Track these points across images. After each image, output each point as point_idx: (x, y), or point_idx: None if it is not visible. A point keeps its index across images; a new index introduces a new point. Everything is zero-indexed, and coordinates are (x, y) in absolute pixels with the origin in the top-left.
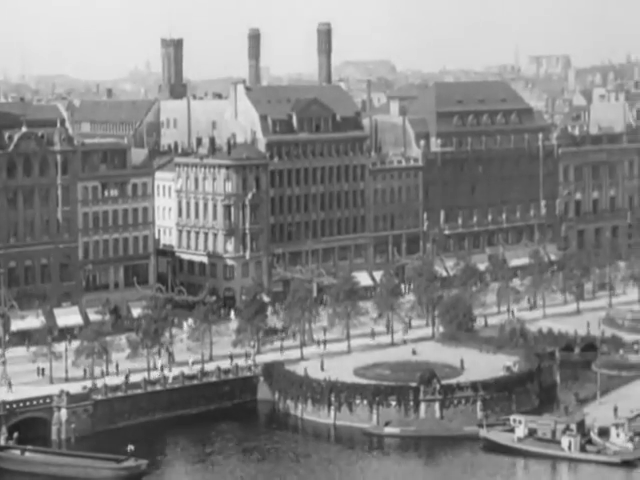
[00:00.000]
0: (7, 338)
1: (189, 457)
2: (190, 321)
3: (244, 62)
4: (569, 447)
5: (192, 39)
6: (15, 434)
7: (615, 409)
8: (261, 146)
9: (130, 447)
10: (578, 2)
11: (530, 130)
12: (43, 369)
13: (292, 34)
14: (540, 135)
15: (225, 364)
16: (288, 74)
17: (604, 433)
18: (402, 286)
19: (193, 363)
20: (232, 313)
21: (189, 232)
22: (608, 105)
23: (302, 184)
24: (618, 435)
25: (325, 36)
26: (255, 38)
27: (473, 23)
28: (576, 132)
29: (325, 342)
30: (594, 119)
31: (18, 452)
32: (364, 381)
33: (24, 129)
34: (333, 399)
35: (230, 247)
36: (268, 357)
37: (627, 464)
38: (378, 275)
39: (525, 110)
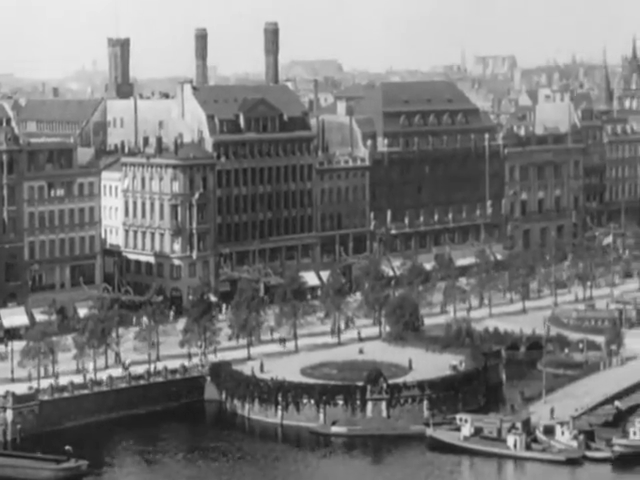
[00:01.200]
0: None
1: (134, 457)
2: (145, 319)
3: (191, 62)
4: (515, 445)
5: (139, 38)
6: None
7: (552, 410)
8: (208, 146)
9: (68, 448)
10: (523, 3)
11: (476, 130)
12: None
13: (239, 34)
14: (486, 135)
15: (172, 364)
16: (235, 74)
17: (549, 431)
18: (349, 285)
19: (129, 365)
20: (171, 314)
21: (136, 232)
22: (553, 105)
23: (249, 184)
24: (563, 433)
25: (272, 36)
26: (202, 38)
27: (419, 23)
28: (522, 132)
29: (285, 340)
30: (540, 119)
31: None
32: (311, 380)
33: None
34: (280, 399)
35: (177, 247)
36: (217, 356)
37: (572, 462)
38: (325, 275)
39: (471, 110)
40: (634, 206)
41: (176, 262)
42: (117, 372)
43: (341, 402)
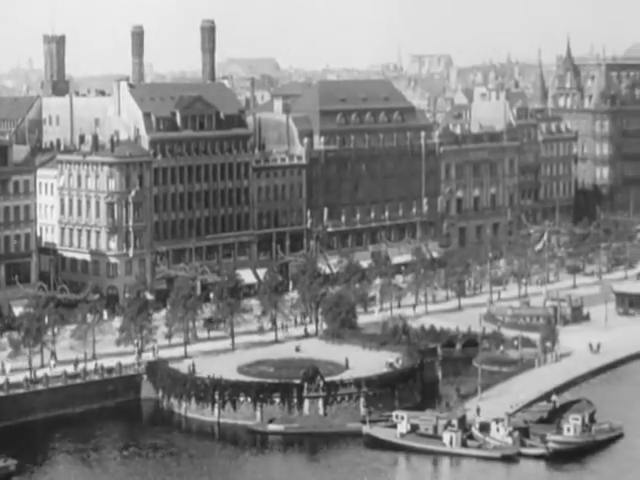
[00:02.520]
0: None
1: (68, 456)
2: (89, 317)
3: (128, 59)
4: (450, 442)
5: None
6: None
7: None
8: (144, 144)
9: None
10: (459, 2)
11: (412, 128)
12: None
13: (176, 32)
14: (422, 133)
15: (109, 362)
16: (172, 72)
17: (485, 428)
18: (286, 283)
19: (55, 365)
20: (105, 313)
21: (72, 230)
22: (489, 104)
23: (186, 182)
24: (498, 430)
25: (209, 34)
26: (139, 35)
27: (356, 22)
28: (458, 130)
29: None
30: (475, 118)
31: None
32: (248, 378)
33: None
34: (217, 397)
35: (113, 245)
36: (154, 355)
37: (507, 459)
38: (262, 272)
39: (407, 108)
40: (568, 204)
41: (112, 260)
42: (54, 371)
43: (278, 400)
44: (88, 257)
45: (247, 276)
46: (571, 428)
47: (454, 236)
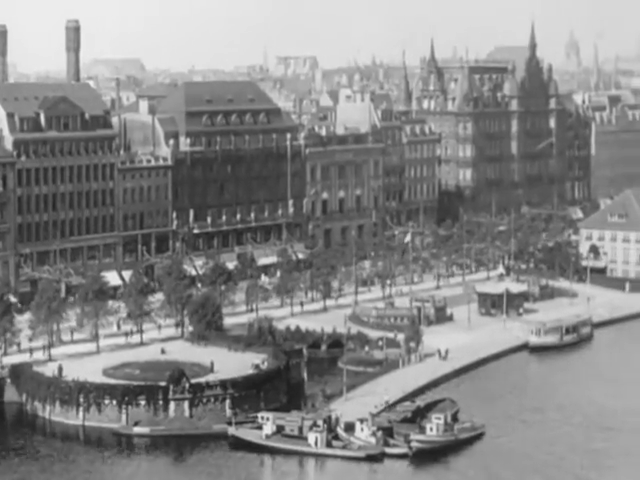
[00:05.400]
0: None
1: None
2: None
3: None
4: (316, 443)
5: None
6: None
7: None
8: (8, 144)
9: None
10: (324, 3)
11: (278, 130)
12: None
13: (40, 31)
14: (288, 135)
15: None
16: (36, 72)
17: (350, 428)
18: (151, 285)
19: None
20: None
21: None
22: (354, 106)
23: (50, 183)
24: (362, 430)
25: (74, 34)
26: (2, 34)
27: (221, 23)
28: (323, 132)
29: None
30: (340, 119)
31: None
32: (113, 381)
33: None
34: (82, 400)
35: None
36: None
37: (371, 458)
38: (127, 274)
39: (273, 110)
40: (432, 205)
41: None
42: None
43: (143, 402)
44: None
45: (112, 278)
46: (434, 427)
47: (319, 237)
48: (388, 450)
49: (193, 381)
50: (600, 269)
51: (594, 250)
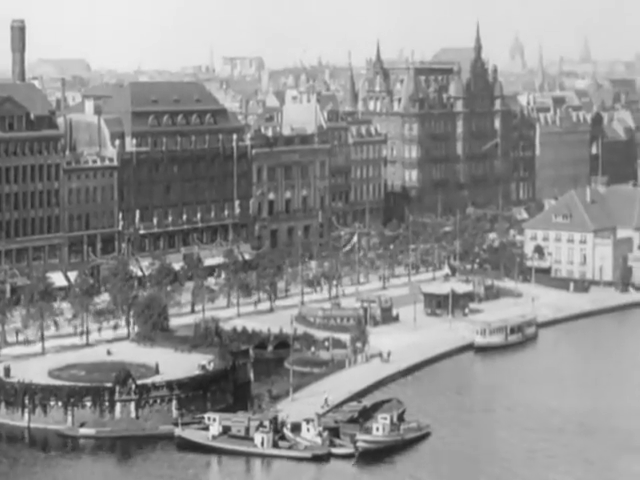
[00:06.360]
0: None
1: None
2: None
3: None
4: (262, 443)
5: None
6: None
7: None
8: None
9: None
10: (270, 5)
11: (224, 130)
12: None
13: None
14: (234, 136)
15: None
16: None
17: (296, 429)
18: (97, 286)
19: None
20: None
21: None
22: (300, 106)
23: None
24: (308, 430)
25: (19, 33)
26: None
27: (167, 23)
28: (269, 133)
29: None
30: (287, 120)
31: None
32: (59, 382)
33: None
34: (27, 401)
35: None
36: None
37: (317, 458)
38: (73, 275)
39: (219, 111)
40: (378, 206)
41: None
42: None
43: (89, 404)
44: None
45: (58, 279)
46: (380, 427)
47: (266, 238)
48: (334, 450)
49: (139, 382)
50: (544, 269)
51: (539, 250)
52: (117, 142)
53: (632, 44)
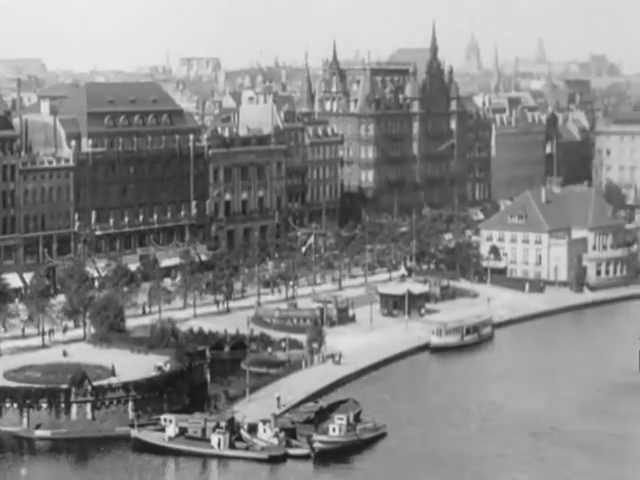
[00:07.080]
0: None
1: None
2: None
3: None
4: (219, 445)
5: None
6: None
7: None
8: None
9: None
10: (227, 5)
11: (181, 131)
12: None
13: None
14: (191, 136)
15: None
16: None
17: (253, 429)
18: (53, 287)
19: None
20: None
21: None
22: (257, 107)
23: None
24: (265, 431)
25: None
26: None
27: (123, 23)
28: (226, 133)
29: None
30: (243, 121)
31: None
32: (14, 384)
33: None
34: None
35: None
36: None
37: (274, 459)
38: (29, 277)
39: (176, 111)
40: (334, 207)
41: None
42: None
43: (45, 405)
44: None
45: (13, 280)
46: (336, 428)
47: (222, 239)
48: (291, 451)
49: (95, 384)
50: (500, 270)
51: (494, 251)
52: (73, 143)
53: (587, 45)
